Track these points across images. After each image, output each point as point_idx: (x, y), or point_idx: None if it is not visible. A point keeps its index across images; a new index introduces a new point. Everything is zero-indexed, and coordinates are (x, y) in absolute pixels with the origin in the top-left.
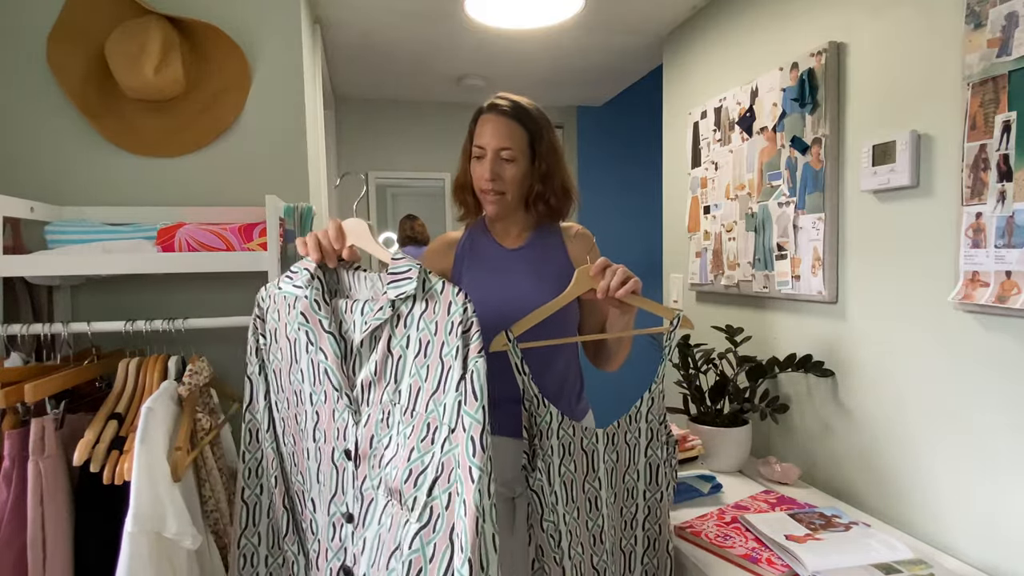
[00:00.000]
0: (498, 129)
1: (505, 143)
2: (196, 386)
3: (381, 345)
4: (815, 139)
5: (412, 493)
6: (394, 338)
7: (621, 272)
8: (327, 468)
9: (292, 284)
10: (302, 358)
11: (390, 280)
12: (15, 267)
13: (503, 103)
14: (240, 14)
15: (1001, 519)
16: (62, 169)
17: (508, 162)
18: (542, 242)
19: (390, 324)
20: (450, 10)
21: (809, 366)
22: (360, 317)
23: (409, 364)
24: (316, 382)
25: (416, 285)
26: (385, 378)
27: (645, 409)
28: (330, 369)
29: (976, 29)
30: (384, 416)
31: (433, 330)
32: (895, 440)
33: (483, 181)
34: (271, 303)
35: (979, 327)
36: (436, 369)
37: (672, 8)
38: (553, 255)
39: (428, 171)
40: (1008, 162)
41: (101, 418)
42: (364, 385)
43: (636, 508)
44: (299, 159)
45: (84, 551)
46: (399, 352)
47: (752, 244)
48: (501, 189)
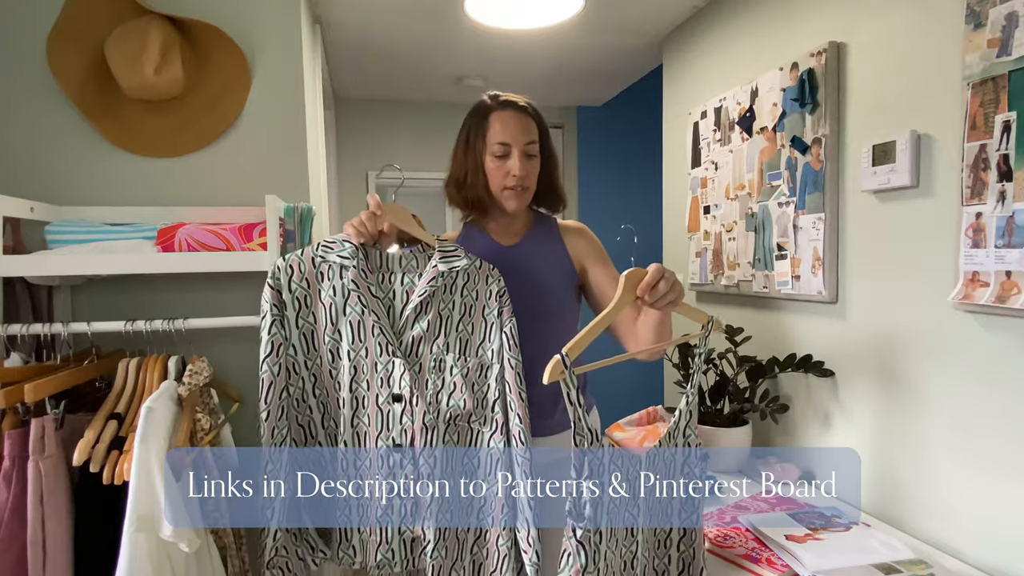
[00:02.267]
0: (522, 125)
1: (530, 137)
2: (196, 386)
3: (433, 307)
4: (815, 139)
5: (482, 413)
6: (443, 303)
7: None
8: (373, 411)
9: (337, 254)
10: (340, 320)
11: (442, 256)
12: (15, 267)
13: (517, 100)
14: (240, 14)
15: (1001, 519)
16: (62, 169)
17: (532, 157)
18: (539, 238)
19: (439, 291)
20: (450, 10)
21: (809, 366)
22: (401, 287)
23: (456, 322)
24: (357, 340)
25: (467, 261)
26: (435, 334)
27: (683, 423)
28: (384, 328)
29: (976, 29)
30: (436, 364)
31: (475, 296)
32: (895, 440)
33: (511, 178)
34: (295, 272)
35: (979, 327)
36: (480, 325)
37: (672, 8)
38: (551, 250)
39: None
40: (1008, 162)
41: (101, 418)
42: (415, 340)
43: (671, 529)
44: (299, 159)
45: (84, 551)
46: (447, 313)
47: (752, 244)
48: (528, 184)
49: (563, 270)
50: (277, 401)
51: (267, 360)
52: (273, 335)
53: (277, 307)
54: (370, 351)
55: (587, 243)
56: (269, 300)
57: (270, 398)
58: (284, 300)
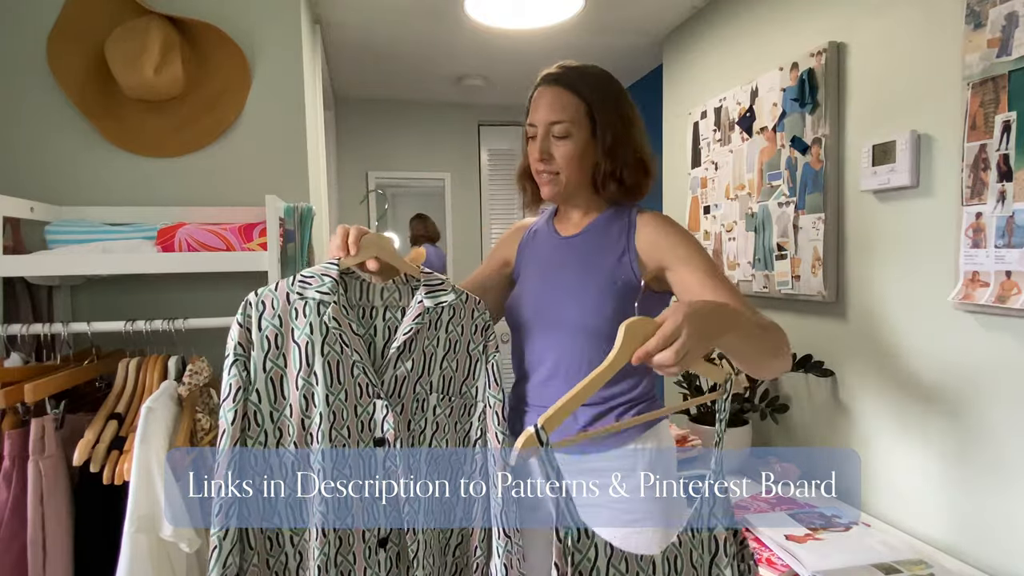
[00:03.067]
0: (549, 103)
1: (556, 116)
2: (196, 386)
3: (418, 345)
4: (815, 139)
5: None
6: (427, 340)
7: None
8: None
9: (315, 290)
10: (316, 360)
11: (428, 291)
12: (15, 267)
13: (557, 70)
14: (240, 14)
15: (1001, 519)
16: (62, 169)
17: (561, 139)
18: (604, 228)
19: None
20: (450, 10)
21: (809, 366)
22: (383, 323)
23: (440, 359)
24: (335, 382)
25: (454, 296)
26: (419, 373)
27: (707, 511)
28: (366, 368)
29: (976, 29)
30: (419, 404)
31: (460, 332)
32: (895, 440)
33: (534, 162)
34: (267, 308)
35: (979, 327)
36: (464, 362)
37: (672, 8)
38: (613, 244)
39: (428, 171)
40: (1008, 162)
41: (101, 418)
42: (398, 380)
43: None
44: (299, 159)
45: (84, 551)
46: (431, 350)
47: (752, 244)
48: (554, 169)
49: (613, 274)
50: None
51: (223, 404)
52: (232, 377)
53: (243, 346)
54: (350, 394)
55: (661, 237)
56: (235, 338)
57: (223, 446)
58: (252, 339)
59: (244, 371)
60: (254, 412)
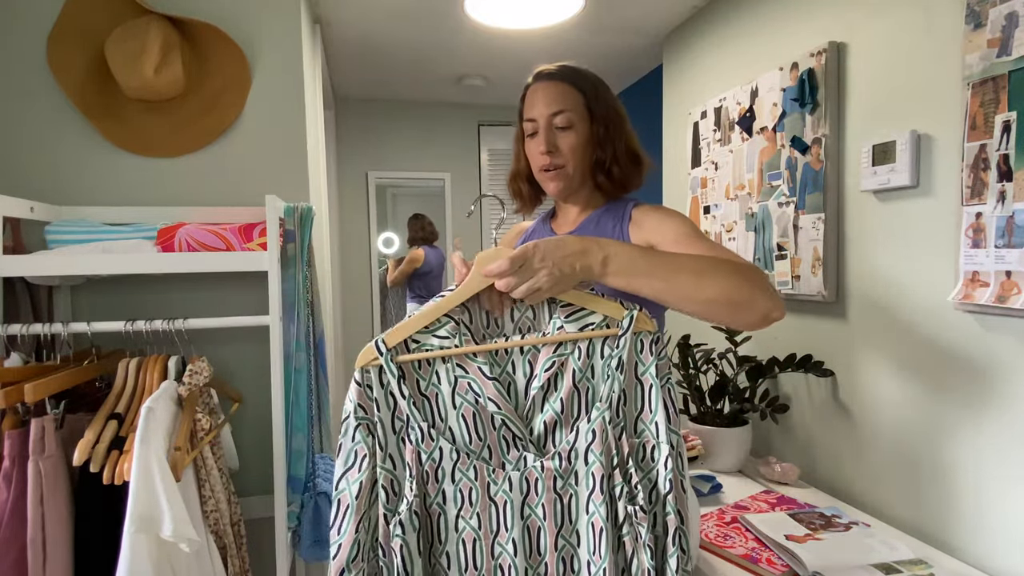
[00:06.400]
0: (548, 95)
1: (558, 107)
2: (196, 386)
3: (566, 381)
4: (815, 139)
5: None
6: (578, 371)
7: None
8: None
9: (435, 336)
10: (449, 415)
11: (567, 315)
12: (15, 267)
13: (549, 67)
14: (240, 14)
15: (1001, 519)
16: (62, 169)
17: (564, 130)
18: (597, 224)
19: (572, 358)
20: (450, 10)
21: (809, 366)
22: (522, 356)
23: (600, 393)
24: (475, 439)
25: (601, 317)
26: (573, 414)
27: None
28: (507, 418)
29: (976, 29)
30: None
31: (624, 353)
32: (895, 440)
33: (539, 156)
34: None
35: (979, 327)
36: (635, 390)
37: (672, 8)
38: (607, 235)
39: (428, 171)
40: (1008, 162)
41: (101, 418)
42: (548, 427)
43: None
44: (299, 159)
45: (84, 551)
46: (586, 385)
47: (752, 244)
48: (560, 162)
49: None
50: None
51: (345, 476)
52: (357, 443)
53: (364, 408)
54: (494, 453)
55: (653, 220)
56: (354, 400)
57: (344, 527)
58: (375, 397)
59: (369, 436)
60: (389, 481)
